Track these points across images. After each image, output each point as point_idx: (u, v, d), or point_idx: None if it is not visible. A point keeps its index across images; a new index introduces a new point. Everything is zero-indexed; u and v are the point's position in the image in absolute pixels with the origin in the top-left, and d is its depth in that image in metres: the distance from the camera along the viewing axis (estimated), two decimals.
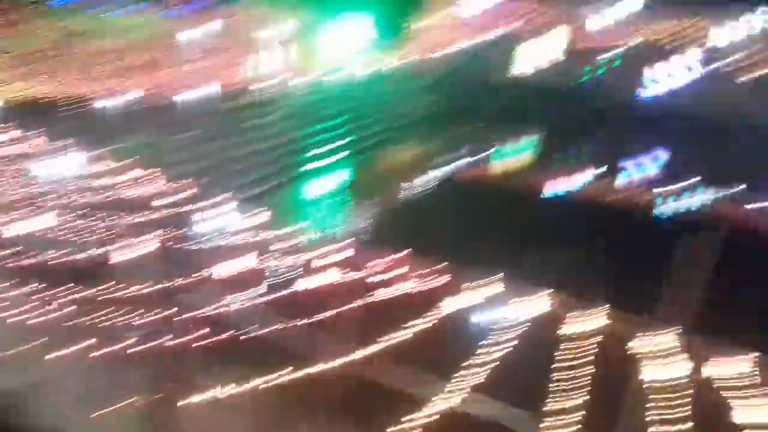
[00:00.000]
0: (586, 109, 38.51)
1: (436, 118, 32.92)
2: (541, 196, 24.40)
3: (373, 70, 29.31)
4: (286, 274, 8.48)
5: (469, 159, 28.50)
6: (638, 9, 36.78)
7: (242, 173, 18.66)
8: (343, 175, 22.05)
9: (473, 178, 26.00)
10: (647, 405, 5.89)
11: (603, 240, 18.03)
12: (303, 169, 20.76)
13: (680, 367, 5.67)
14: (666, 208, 24.78)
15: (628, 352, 6.03)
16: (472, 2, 45.02)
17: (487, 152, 30.95)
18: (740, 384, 5.41)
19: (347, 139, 22.60)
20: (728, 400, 5.56)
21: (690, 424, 5.74)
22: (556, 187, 25.94)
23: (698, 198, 26.21)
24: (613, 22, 39.88)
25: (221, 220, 7.83)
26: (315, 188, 20.76)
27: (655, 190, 27.19)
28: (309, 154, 21.62)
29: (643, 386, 5.85)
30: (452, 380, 6.90)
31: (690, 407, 5.90)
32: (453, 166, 27.17)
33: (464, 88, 36.09)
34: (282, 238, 7.74)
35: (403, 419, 6.21)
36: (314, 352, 7.46)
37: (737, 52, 32.48)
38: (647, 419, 5.87)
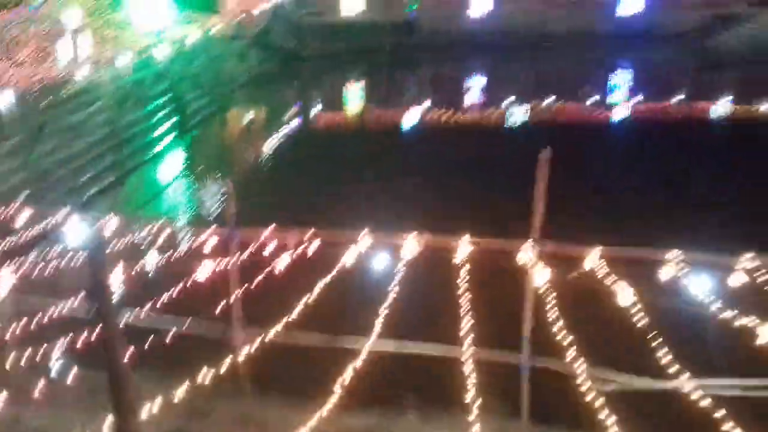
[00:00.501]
0: (409, 44, 40.07)
1: (262, 77, 32.79)
2: (387, 133, 25.35)
3: (187, 41, 28.31)
4: (161, 271, 8.34)
5: (306, 112, 28.87)
6: None
7: (76, 174, 17.31)
8: (186, 154, 21.38)
9: (318, 129, 26.37)
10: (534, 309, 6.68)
11: (458, 167, 19.19)
12: (142, 156, 19.67)
13: (547, 273, 6.47)
14: (501, 124, 26.80)
15: (503, 268, 6.75)
16: None
17: (320, 102, 31.51)
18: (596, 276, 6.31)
19: (180, 115, 21.79)
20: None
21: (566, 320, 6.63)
22: (399, 122, 27.04)
23: (523, 111, 28.62)
24: None
25: (67, 229, 7.33)
26: (161, 174, 19.95)
27: (486, 110, 29.20)
28: (144, 139, 20.56)
29: (527, 293, 6.62)
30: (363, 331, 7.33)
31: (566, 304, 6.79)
32: (292, 122, 27.35)
33: (283, 43, 36.09)
34: (140, 234, 7.52)
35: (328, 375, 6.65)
36: (226, 341, 7.54)
37: None
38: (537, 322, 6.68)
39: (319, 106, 30.71)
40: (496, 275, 7.85)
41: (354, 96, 34.23)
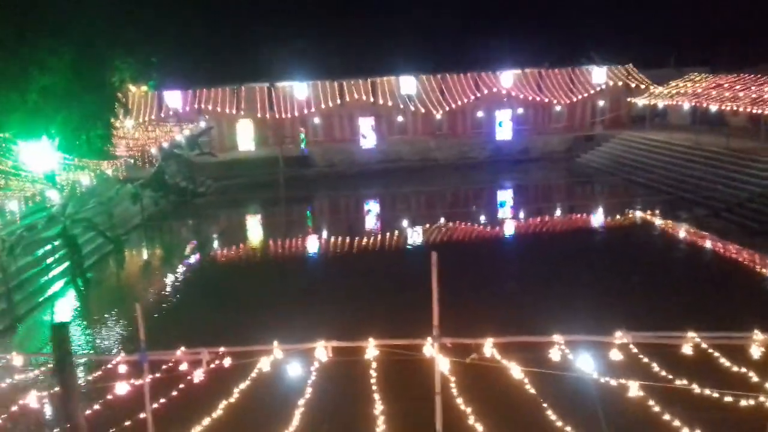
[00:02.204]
0: (305, 176, 41.63)
1: (157, 216, 32.78)
2: (288, 260, 25.82)
3: (79, 185, 28.23)
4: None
5: (203, 247, 28.89)
6: None
7: None
8: (82, 294, 20.79)
9: (217, 262, 26.40)
10: None
11: None
12: (34, 300, 18.99)
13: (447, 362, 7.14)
14: (399, 244, 28.01)
15: None
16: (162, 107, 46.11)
17: (218, 236, 31.71)
18: None
19: (74, 258, 21.26)
20: None
21: None
22: (301, 249, 27.66)
23: (418, 231, 30.20)
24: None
25: None
26: (57, 316, 19.27)
27: (383, 232, 30.45)
28: (37, 284, 19.96)
29: None
30: None
31: None
32: (190, 258, 27.26)
33: (177, 182, 36.49)
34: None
35: None
36: None
37: None
38: None
39: (217, 241, 30.90)
40: (407, 372, 8.36)
41: (252, 228, 34.75)
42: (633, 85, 48.82)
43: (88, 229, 24.80)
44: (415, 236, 29.23)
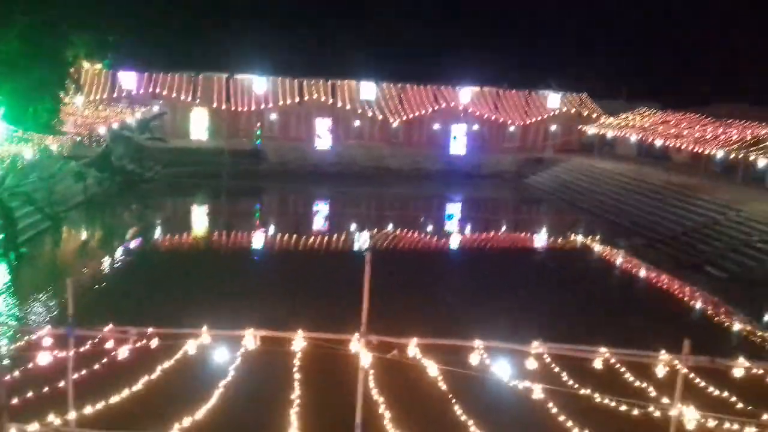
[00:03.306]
0: (256, 170, 41.33)
1: (100, 197, 32.15)
2: (232, 254, 25.72)
3: (21, 158, 27.44)
4: None
5: (146, 233, 28.47)
6: None
7: None
8: (15, 268, 20.25)
9: (158, 249, 26.07)
10: None
11: None
12: None
13: (370, 357, 7.41)
14: (344, 247, 28.20)
15: None
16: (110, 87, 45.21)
17: (162, 223, 31.22)
18: None
19: (8, 232, 20.69)
20: None
21: None
22: (244, 243, 27.58)
23: (364, 236, 30.49)
24: None
25: None
26: None
27: (329, 234, 30.60)
28: None
29: None
30: None
31: None
32: (131, 242, 26.83)
33: (124, 165, 35.86)
34: None
35: None
36: None
37: None
38: None
39: (158, 227, 30.48)
40: (330, 367, 8.59)
41: (196, 218, 34.38)
42: (585, 114, 50.39)
43: (26, 204, 24.22)
44: (357, 238, 29.53)
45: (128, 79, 45.82)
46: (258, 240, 28.86)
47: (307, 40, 54.18)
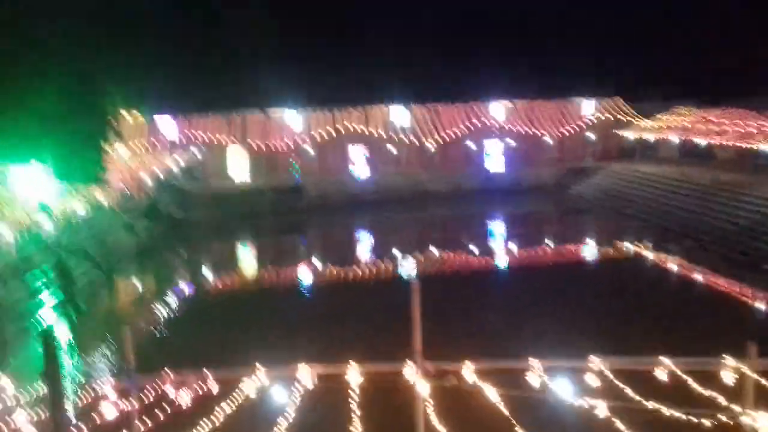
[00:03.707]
0: (298, 207, 41.89)
1: (152, 246, 32.94)
2: (283, 291, 25.98)
3: (74, 214, 28.38)
4: None
5: (197, 277, 29.03)
6: None
7: None
8: (76, 324, 20.84)
9: (211, 292, 26.53)
10: None
11: None
12: (30, 331, 18.94)
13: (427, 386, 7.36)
14: (391, 276, 28.23)
15: None
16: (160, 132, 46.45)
17: (212, 266, 31.82)
18: None
19: (68, 288, 21.41)
20: None
21: None
22: (292, 280, 27.86)
23: (411, 262, 30.49)
24: None
25: None
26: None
27: (376, 264, 30.71)
28: (32, 314, 19.92)
29: None
30: None
31: None
32: (183, 287, 27.39)
33: (172, 212, 36.77)
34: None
35: None
36: None
37: None
38: None
39: (211, 272, 31.04)
40: (389, 398, 8.57)
41: (246, 259, 34.89)
42: (622, 118, 49.62)
43: (83, 260, 24.99)
44: (403, 266, 29.49)
45: (166, 124, 46.72)
46: (307, 276, 29.10)
47: (332, 68, 54.34)
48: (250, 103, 47.98)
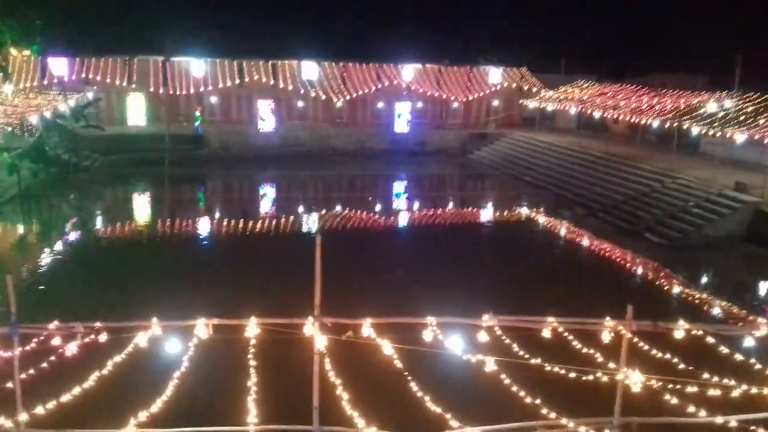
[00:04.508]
0: (198, 156, 40.49)
1: (36, 189, 30.98)
2: (176, 241, 25.23)
3: None
4: None
5: (85, 224, 27.68)
6: None
7: None
8: None
9: (99, 240, 25.39)
10: None
11: None
12: None
13: (324, 339, 7.44)
14: (293, 229, 28.01)
15: None
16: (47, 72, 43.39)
17: (102, 213, 30.36)
18: None
19: None
20: None
21: None
22: (189, 231, 27.08)
23: (313, 218, 30.38)
24: None
25: None
26: None
27: (277, 218, 30.33)
28: None
29: None
30: None
31: None
32: (70, 234, 26.05)
33: (60, 154, 34.58)
34: None
35: None
36: None
37: None
38: None
39: (98, 217, 29.64)
40: (285, 352, 8.60)
41: (137, 206, 33.54)
42: (526, 88, 51.08)
43: None
44: (305, 221, 29.42)
45: (59, 66, 43.88)
46: (203, 227, 28.40)
47: (244, 21, 53.01)
48: (151, 50, 45.66)
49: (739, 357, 9.17)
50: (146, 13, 50.92)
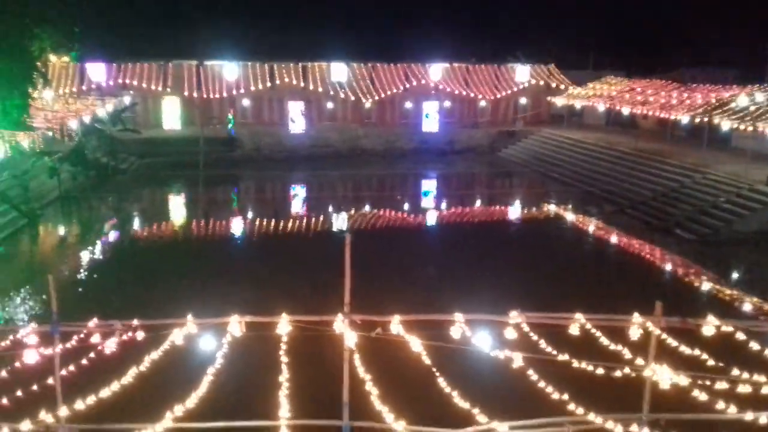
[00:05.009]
0: (231, 158, 41.26)
1: (76, 192, 31.81)
2: (212, 242, 25.74)
3: None
4: None
5: (124, 225, 28.36)
6: None
7: None
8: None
9: (138, 240, 25.98)
10: None
11: None
12: None
13: (354, 336, 7.62)
14: (324, 230, 28.32)
15: None
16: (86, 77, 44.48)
17: (140, 215, 31.08)
18: None
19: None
20: None
21: None
22: (224, 231, 27.62)
23: (344, 218, 30.65)
24: None
25: None
26: None
27: (310, 219, 30.72)
28: None
29: None
30: None
31: None
32: (109, 235, 26.72)
33: (98, 158, 35.44)
34: None
35: None
36: None
37: None
38: None
39: (137, 219, 30.33)
40: (316, 348, 8.80)
41: (174, 207, 34.20)
42: (554, 85, 50.65)
43: (1, 202, 23.98)
44: (336, 220, 29.68)
45: (96, 71, 44.96)
46: (238, 227, 28.87)
47: (274, 24, 53.59)
48: (186, 55, 46.51)
49: None
50: (181, 18, 51.80)
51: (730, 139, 36.05)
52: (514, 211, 32.81)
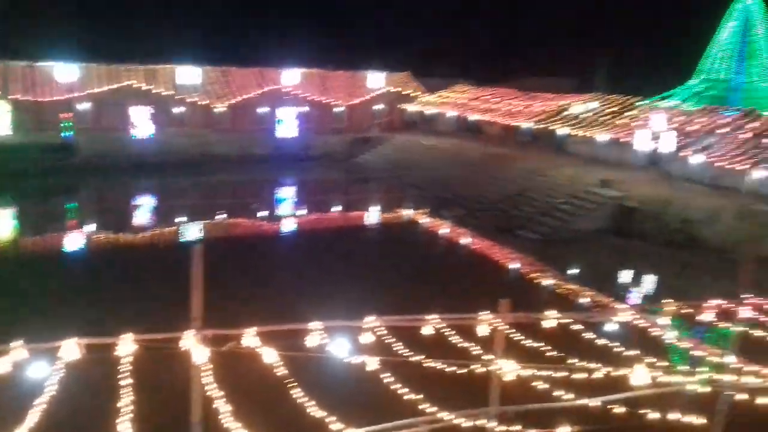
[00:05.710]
0: (69, 166, 38.22)
1: None
2: (46, 258, 23.64)
3: None
4: None
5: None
6: None
7: None
8: None
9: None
10: None
11: None
12: None
13: (206, 353, 7.22)
14: (172, 240, 27.00)
15: None
16: None
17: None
18: None
19: None
20: None
21: None
22: (59, 245, 25.44)
23: (197, 227, 29.44)
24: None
25: None
26: None
27: (157, 228, 29.16)
28: None
29: None
30: None
31: None
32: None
33: None
34: None
35: None
36: None
37: None
38: None
39: None
40: (165, 368, 8.30)
41: (5, 222, 31.11)
42: (408, 92, 52.24)
43: None
44: (184, 230, 28.53)
45: None
46: (72, 241, 26.75)
47: (117, 24, 50.71)
48: (16, 54, 42.57)
49: (603, 342, 9.86)
50: (12, 17, 47.47)
51: (567, 144, 39.13)
52: (371, 217, 33.34)
